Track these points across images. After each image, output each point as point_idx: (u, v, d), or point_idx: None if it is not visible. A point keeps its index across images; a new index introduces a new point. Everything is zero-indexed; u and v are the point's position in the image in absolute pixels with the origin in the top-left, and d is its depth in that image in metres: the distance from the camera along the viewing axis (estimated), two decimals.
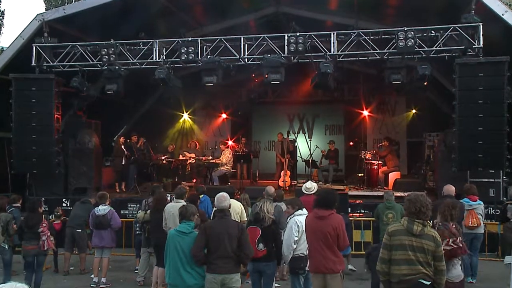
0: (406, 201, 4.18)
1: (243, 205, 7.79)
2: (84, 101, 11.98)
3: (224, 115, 17.54)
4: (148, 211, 7.54)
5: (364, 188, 12.58)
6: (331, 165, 14.30)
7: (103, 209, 7.90)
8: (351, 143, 16.64)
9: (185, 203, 6.45)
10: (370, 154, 13.15)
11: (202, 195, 8.45)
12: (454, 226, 5.01)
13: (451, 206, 5.19)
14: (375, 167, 12.77)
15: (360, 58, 10.68)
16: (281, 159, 14.17)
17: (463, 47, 9.73)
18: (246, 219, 7.34)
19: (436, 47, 9.90)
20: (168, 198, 8.00)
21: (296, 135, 17.19)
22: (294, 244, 5.60)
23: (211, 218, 6.77)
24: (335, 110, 16.95)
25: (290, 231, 5.66)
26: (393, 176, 12.94)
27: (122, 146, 13.11)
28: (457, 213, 5.27)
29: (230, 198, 5.52)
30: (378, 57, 10.37)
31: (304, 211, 5.80)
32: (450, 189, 7.55)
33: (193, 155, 14.86)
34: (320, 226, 5.07)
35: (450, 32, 9.79)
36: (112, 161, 13.69)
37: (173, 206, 6.77)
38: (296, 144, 15.41)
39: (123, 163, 13.02)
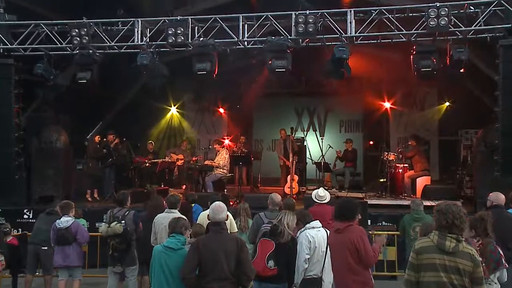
0: (435, 212, 4.18)
1: (242, 216, 7.83)
2: (51, 91, 11.99)
3: (219, 109, 17.59)
4: (114, 224, 7.57)
5: (386, 196, 12.61)
6: (347, 168, 14.32)
7: (65, 221, 7.89)
8: (371, 143, 16.68)
9: (179, 214, 6.50)
10: (394, 156, 13.17)
11: (193, 205, 8.48)
12: (480, 243, 5.03)
13: (484, 218, 5.21)
14: (400, 171, 12.79)
15: (382, 41, 10.69)
16: (285, 161, 14.20)
17: (510, 25, 9.67)
18: (236, 231, 7.48)
19: (475, 26, 9.88)
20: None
21: (305, 132, 17.27)
22: (306, 263, 5.62)
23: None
24: (352, 103, 16.95)
25: (300, 248, 5.68)
26: (421, 181, 12.95)
27: (98, 146, 13.16)
28: (489, 227, 5.29)
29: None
30: (404, 39, 10.37)
31: (317, 222, 5.85)
32: (499, 197, 7.19)
33: (181, 156, 14.90)
34: (337, 240, 5.13)
35: (493, 7, 9.71)
36: (85, 164, 13.75)
37: (165, 218, 6.80)
38: (305, 144, 15.44)
39: (98, 166, 13.08)
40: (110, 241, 7.63)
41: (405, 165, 12.95)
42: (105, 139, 13.46)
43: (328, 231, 5.91)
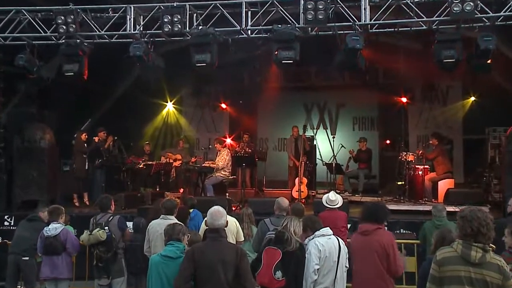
0: (459, 218, 4.14)
1: (245, 222, 7.83)
2: (34, 85, 12.03)
3: (220, 105, 17.58)
4: (96, 231, 7.54)
5: (405, 200, 12.56)
6: (362, 170, 14.29)
7: (54, 228, 7.86)
8: (388, 142, 16.65)
9: (175, 221, 6.48)
10: (414, 156, 13.11)
11: (192, 210, 8.48)
12: None
13: None
14: (420, 173, 12.74)
15: (400, 29, 10.63)
16: (295, 162, 14.20)
17: None
18: (242, 240, 7.48)
19: (504, 11, 9.81)
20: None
21: (315, 130, 17.31)
22: (315, 274, 5.62)
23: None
24: (367, 98, 16.95)
25: (309, 258, 5.68)
26: (444, 185, 12.88)
27: (86, 145, 13.17)
28: None
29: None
30: (424, 27, 10.31)
31: (327, 229, 5.85)
32: None
33: (179, 156, 14.89)
34: (364, 243, 5.16)
35: None
36: (72, 165, 13.76)
37: (160, 224, 6.79)
38: (315, 143, 15.44)
39: (87, 167, 13.09)
40: (94, 250, 7.62)
41: (425, 166, 12.88)
42: (94, 138, 13.43)
43: (340, 239, 5.93)
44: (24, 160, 12.16)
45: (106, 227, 7.58)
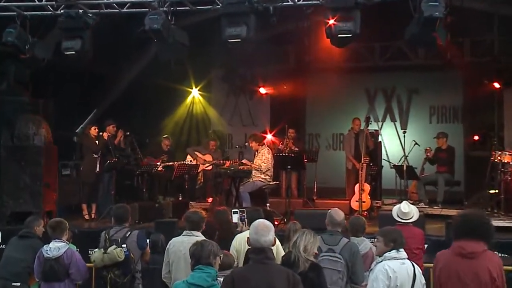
0: None
1: (291, 240, 7.74)
2: (26, 67, 12.16)
3: (259, 91, 17.54)
4: (112, 249, 7.59)
5: (500, 214, 12.33)
6: (441, 174, 14.06)
7: (56, 247, 7.89)
8: (476, 138, 16.36)
9: (202, 237, 6.48)
10: (511, 157, 12.86)
11: None
12: None
13: None
14: None
15: None
16: (354, 164, 14.08)
17: None
18: None
19: None
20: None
21: (380, 123, 17.23)
22: None
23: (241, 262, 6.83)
24: (448, 82, 16.73)
25: (374, 286, 5.65)
26: None
27: (97, 142, 13.27)
28: None
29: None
30: None
31: (402, 252, 5.78)
32: None
33: (208, 157, 14.92)
34: (467, 270, 5.00)
35: None
36: (74, 167, 13.91)
37: (184, 243, 6.82)
38: (380, 139, 15.30)
39: (97, 170, 13.20)
40: (107, 273, 7.65)
41: None
42: (102, 133, 13.52)
43: (416, 265, 5.86)
44: (14, 162, 12.33)
45: (124, 245, 7.64)
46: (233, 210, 8.99)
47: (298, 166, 14.30)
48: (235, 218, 8.83)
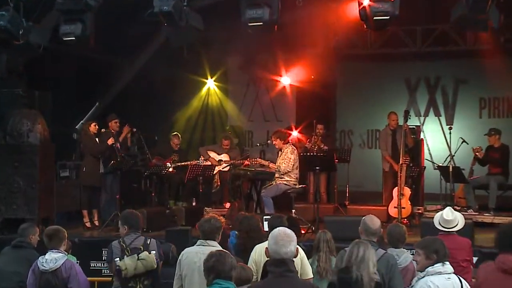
0: None
1: (322, 252, 7.83)
2: (20, 55, 12.21)
3: (282, 81, 17.49)
4: (144, 255, 7.61)
5: None
6: (493, 176, 13.95)
7: (53, 259, 7.89)
8: None
9: (219, 247, 6.49)
10: None
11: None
12: None
13: None
14: None
15: None
16: (392, 164, 13.98)
17: None
18: (311, 277, 7.40)
19: None
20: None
21: (422, 118, 17.13)
22: None
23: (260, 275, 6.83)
24: (500, 70, 16.52)
25: None
26: None
27: (96, 139, 13.29)
28: None
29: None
30: None
31: (447, 266, 5.74)
32: None
33: (225, 156, 14.89)
34: None
35: None
36: (74, 168, 13.94)
37: (198, 253, 6.82)
38: (422, 137, 15.26)
39: (100, 171, 13.22)
40: (135, 284, 7.69)
41: None
42: (104, 130, 13.55)
43: (463, 280, 5.81)
44: (6, 162, 12.42)
45: (154, 251, 7.70)
46: (264, 217, 8.95)
47: (328, 167, 14.24)
48: (267, 226, 8.74)
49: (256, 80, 17.97)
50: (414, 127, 15.21)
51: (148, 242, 7.78)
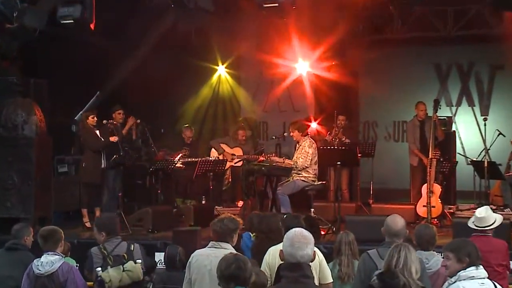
0: None
1: (344, 255, 7.87)
2: (14, 40, 12.22)
3: (299, 68, 17.43)
4: (130, 265, 7.62)
5: None
6: None
7: (49, 262, 7.91)
8: None
9: (232, 250, 6.51)
10: None
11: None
12: None
13: None
14: None
15: None
16: (421, 159, 13.95)
17: None
18: (330, 281, 7.41)
19: None
20: None
21: (454, 108, 17.10)
22: None
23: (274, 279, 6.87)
24: None
25: None
26: None
27: (98, 132, 13.27)
28: None
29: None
30: None
31: (481, 270, 5.72)
32: None
33: (238, 151, 14.87)
34: None
35: None
36: (73, 163, 13.96)
37: (209, 256, 6.82)
38: (453, 129, 15.31)
39: (102, 166, 13.21)
40: None
41: None
42: (106, 122, 13.51)
43: (498, 285, 5.81)
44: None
45: (139, 260, 7.74)
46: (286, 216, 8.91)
47: (350, 162, 14.16)
48: None
49: (271, 66, 17.88)
50: (445, 118, 15.27)
51: (132, 249, 7.82)
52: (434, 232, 7.73)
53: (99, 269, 7.78)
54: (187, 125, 15.66)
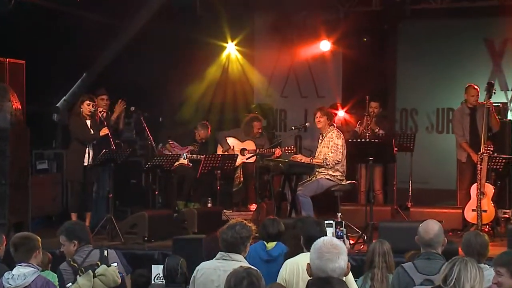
0: None
1: (378, 268, 7.87)
2: None
3: (324, 45, 17.47)
4: (103, 269, 7.70)
5: None
6: None
7: (21, 275, 7.96)
8: None
9: (245, 263, 6.59)
10: None
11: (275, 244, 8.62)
12: None
13: None
14: None
15: None
16: (470, 154, 13.91)
17: None
18: None
19: None
20: None
21: (510, 93, 17.08)
22: None
23: None
24: None
25: None
26: None
27: (89, 123, 13.26)
28: None
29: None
30: None
31: None
32: None
33: (250, 144, 14.92)
34: None
35: None
36: (55, 158, 14.07)
37: (217, 270, 6.91)
38: (510, 118, 15.36)
39: (85, 163, 13.19)
40: None
41: None
42: (94, 109, 13.34)
43: None
44: None
45: (115, 263, 7.79)
46: (326, 222, 8.91)
47: (385, 157, 14.13)
48: (329, 233, 8.58)
49: (291, 44, 17.93)
50: (499, 104, 15.19)
51: (106, 254, 7.82)
52: (486, 241, 7.68)
53: (69, 284, 7.82)
54: (204, 122, 15.52)
